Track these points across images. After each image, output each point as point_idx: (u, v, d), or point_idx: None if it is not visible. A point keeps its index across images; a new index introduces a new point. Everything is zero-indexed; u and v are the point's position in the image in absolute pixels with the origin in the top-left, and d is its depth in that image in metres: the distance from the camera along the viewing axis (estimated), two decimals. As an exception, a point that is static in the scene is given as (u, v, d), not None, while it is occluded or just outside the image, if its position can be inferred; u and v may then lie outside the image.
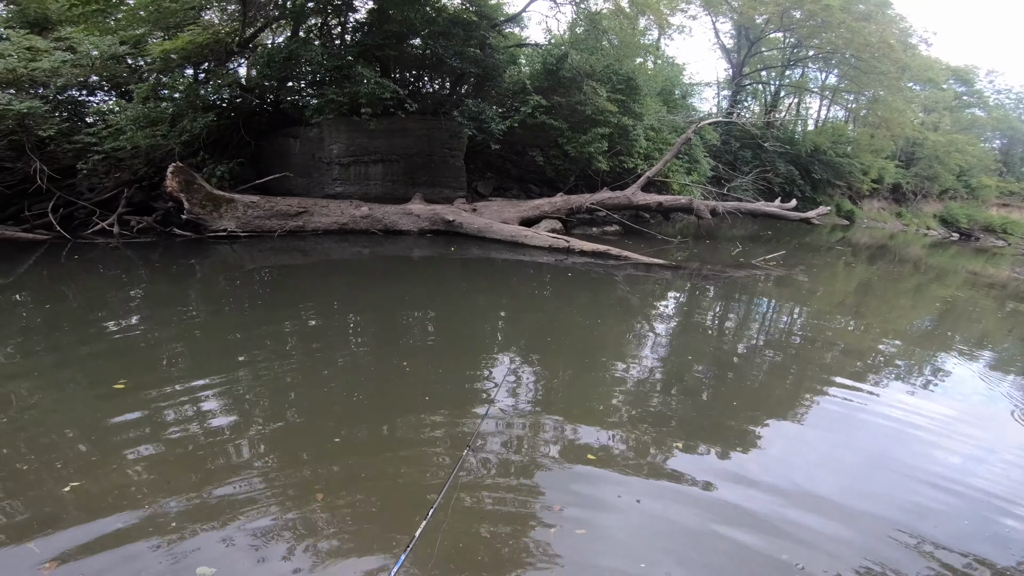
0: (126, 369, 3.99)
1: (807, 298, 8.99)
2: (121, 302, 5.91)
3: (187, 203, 8.76)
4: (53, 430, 3.18)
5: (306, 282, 7.29)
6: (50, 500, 2.55)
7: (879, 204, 30.35)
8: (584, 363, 4.93)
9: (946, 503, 3.09)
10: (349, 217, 9.82)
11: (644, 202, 11.88)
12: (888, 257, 16.96)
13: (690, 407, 4.20)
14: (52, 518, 2.43)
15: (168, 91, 10.19)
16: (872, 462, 3.50)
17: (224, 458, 2.98)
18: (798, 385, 4.84)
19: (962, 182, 32.31)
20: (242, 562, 2.25)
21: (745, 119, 21.12)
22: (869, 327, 7.45)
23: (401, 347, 4.91)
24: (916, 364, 5.90)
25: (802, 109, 31.08)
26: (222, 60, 10.55)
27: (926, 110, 31.15)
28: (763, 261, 10.89)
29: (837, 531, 2.76)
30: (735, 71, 26.81)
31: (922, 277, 13.93)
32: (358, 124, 10.60)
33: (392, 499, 2.76)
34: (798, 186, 23.47)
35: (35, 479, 2.70)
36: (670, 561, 2.46)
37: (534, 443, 3.41)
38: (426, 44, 11.39)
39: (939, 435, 3.99)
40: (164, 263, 7.76)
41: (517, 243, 9.80)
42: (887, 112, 25.53)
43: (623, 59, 14.33)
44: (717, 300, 8.26)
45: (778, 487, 3.12)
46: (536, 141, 13.76)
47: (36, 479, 2.70)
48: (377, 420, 3.56)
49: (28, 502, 2.53)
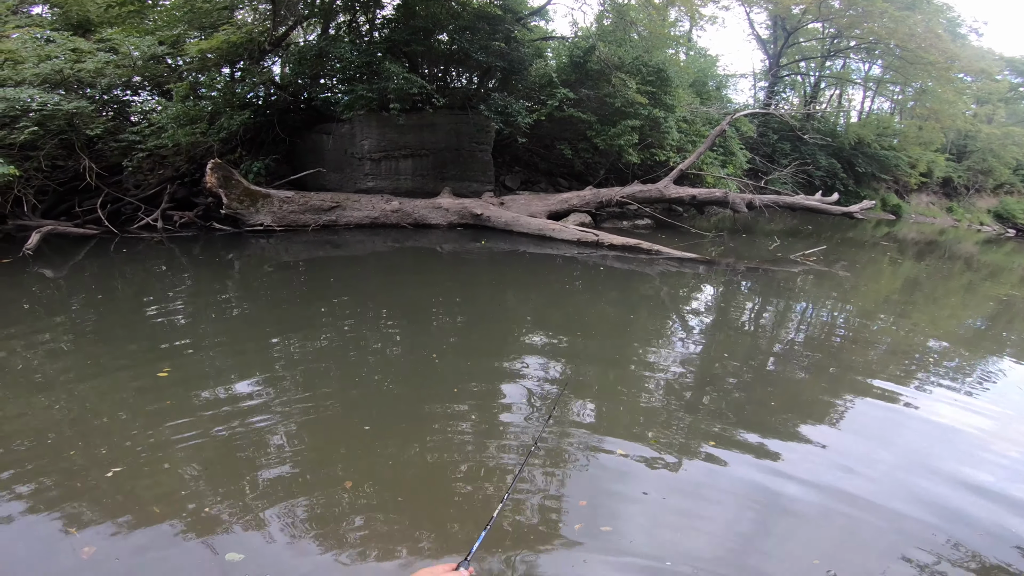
0: (169, 358, 4.10)
1: (849, 295, 8.58)
2: (165, 294, 6.11)
3: (225, 198, 9.01)
4: (98, 416, 3.28)
5: (339, 275, 7.40)
6: (93, 484, 2.61)
7: (928, 199, 28.83)
8: (615, 359, 4.80)
9: (987, 510, 2.86)
10: (380, 211, 9.92)
11: (677, 195, 11.58)
12: (937, 253, 16.05)
13: (724, 405, 4.03)
14: (94, 502, 2.49)
15: (206, 90, 10.49)
16: (912, 465, 3.28)
17: (257, 446, 3.01)
18: (837, 385, 4.58)
19: (1019, 176, 30.37)
20: (271, 548, 2.26)
21: (783, 111, 20.39)
22: (915, 326, 7.04)
23: (430, 340, 4.90)
24: (965, 366, 5.50)
25: (844, 101, 29.78)
26: (256, 58, 10.80)
27: (979, 102, 29.35)
28: (802, 256, 10.45)
29: (871, 535, 2.59)
30: (772, 62, 25.88)
31: (974, 275, 13.11)
32: (388, 120, 10.69)
33: (418, 488, 2.75)
34: (840, 180, 22.51)
35: (81, 464, 2.77)
36: (696, 560, 2.35)
37: (561, 438, 3.33)
38: (452, 39, 11.40)
39: (985, 441, 3.71)
40: (205, 256, 8.01)
41: (545, 237, 9.70)
42: (936, 104, 24.18)
43: (653, 51, 14.00)
44: (754, 296, 7.96)
45: (812, 487, 2.95)
46: (564, 134, 13.61)
47: (82, 464, 2.77)
48: (405, 411, 3.55)
49: (72, 486, 2.60)
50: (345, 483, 2.69)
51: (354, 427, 3.29)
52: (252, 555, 2.21)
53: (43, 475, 2.66)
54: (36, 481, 2.61)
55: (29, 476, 2.65)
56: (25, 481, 2.61)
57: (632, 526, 2.57)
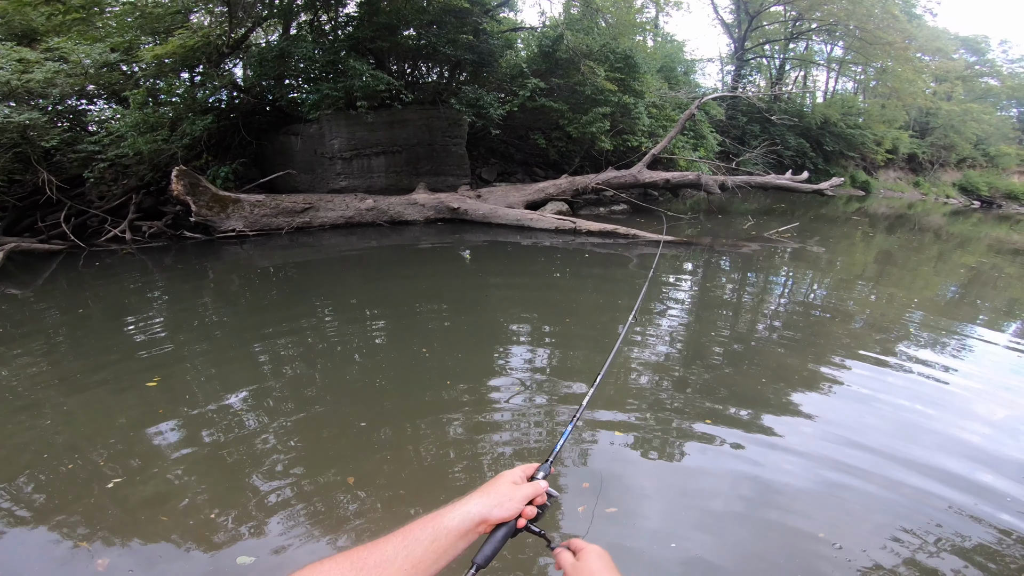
0: (156, 369, 3.96)
1: (826, 269, 8.74)
2: (142, 305, 5.90)
3: (194, 205, 8.77)
4: (90, 430, 3.17)
5: (318, 277, 7.25)
6: (96, 497, 2.55)
7: (895, 174, 29.62)
8: (604, 342, 4.77)
9: (979, 472, 2.92)
10: (355, 210, 9.77)
11: (651, 179, 11.65)
12: (907, 226, 16.48)
13: (715, 382, 4.04)
14: (100, 514, 2.44)
15: (165, 95, 10.20)
16: (902, 434, 3.31)
17: (255, 449, 2.95)
18: (822, 359, 4.62)
19: (980, 150, 31.42)
20: (280, 549, 2.24)
21: (750, 93, 20.69)
22: (891, 297, 7.19)
23: (418, 334, 4.82)
24: (943, 334, 5.62)
25: (809, 82, 30.43)
26: (215, 62, 10.53)
27: (937, 80, 30.23)
28: (777, 234, 10.62)
29: (870, 505, 2.61)
30: (737, 46, 26.29)
31: (944, 245, 13.48)
32: (357, 118, 10.54)
33: (420, 481, 2.72)
34: (809, 158, 22.99)
35: (81, 478, 2.70)
36: (702, 539, 2.34)
37: (557, 423, 3.30)
38: (419, 34, 11.27)
39: (970, 405, 3.80)
40: (178, 266, 7.78)
41: (524, 227, 9.67)
42: (896, 82, 24.87)
43: (620, 37, 14.06)
44: (733, 274, 8.05)
45: (808, 460, 2.97)
46: (538, 124, 13.61)
47: (82, 478, 2.69)
48: (400, 405, 3.50)
49: (75, 500, 2.53)
50: (348, 479, 2.66)
51: (350, 425, 3.23)
52: (263, 557, 2.19)
53: (43, 491, 2.59)
54: (38, 497, 2.55)
55: (30, 492, 2.58)
56: (27, 497, 2.54)
57: (637, 507, 2.56)
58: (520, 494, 0.85)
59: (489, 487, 0.86)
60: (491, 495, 0.84)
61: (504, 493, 0.84)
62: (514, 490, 0.85)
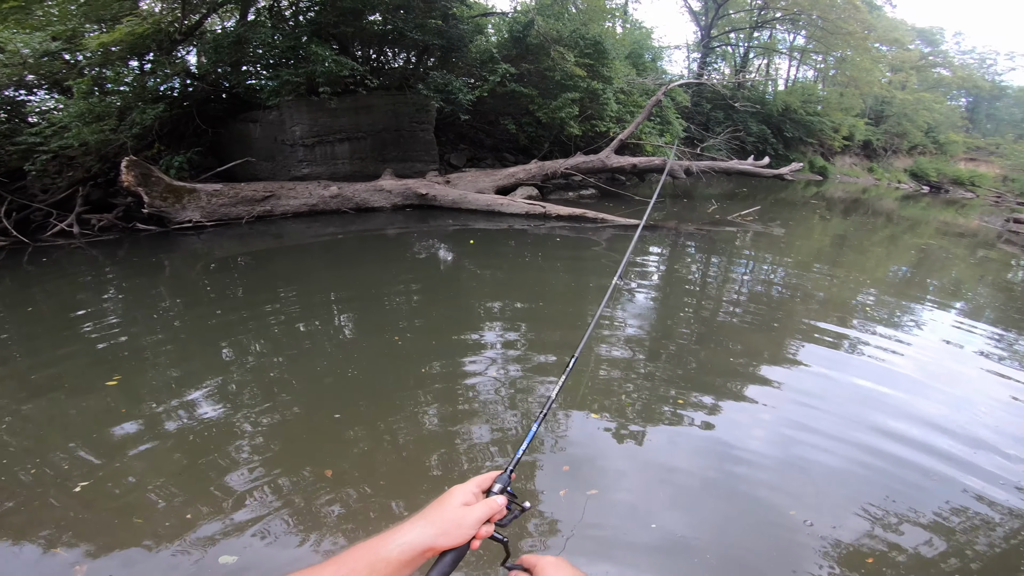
0: (115, 367, 3.77)
1: (786, 251, 9.04)
2: (94, 302, 5.57)
3: (147, 197, 8.37)
4: (51, 432, 3.02)
5: (282, 266, 7.06)
6: (63, 502, 2.44)
7: (851, 160, 30.73)
8: (577, 324, 4.83)
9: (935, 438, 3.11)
10: (318, 198, 9.52)
11: (618, 164, 11.76)
12: (862, 210, 17.18)
13: (685, 361, 4.16)
14: (70, 519, 2.34)
15: (112, 84, 9.66)
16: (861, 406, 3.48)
17: (226, 445, 2.86)
18: (785, 337, 4.79)
19: (930, 138, 32.89)
20: (262, 546, 2.20)
21: (715, 80, 21.03)
22: (847, 278, 7.50)
23: (389, 323, 4.75)
24: (896, 310, 5.95)
25: (772, 70, 31.13)
26: (167, 49, 10.01)
27: (893, 69, 31.44)
28: (740, 217, 10.91)
29: (837, 478, 2.75)
30: (703, 33, 26.63)
31: (896, 228, 14.15)
32: (319, 104, 10.23)
33: (398, 468, 2.71)
34: (771, 144, 23.60)
35: (45, 482, 2.57)
36: (681, 520, 2.41)
37: (532, 404, 3.32)
38: (386, 19, 10.97)
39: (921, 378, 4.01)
40: (131, 259, 7.42)
41: (494, 212, 9.64)
42: (855, 71, 25.75)
43: (590, 23, 14.06)
44: (698, 256, 8.24)
45: (778, 435, 3.09)
46: (507, 109, 13.53)
47: (46, 482, 2.57)
48: (374, 396, 3.44)
49: (42, 505, 2.42)
50: (325, 472, 2.61)
51: (323, 417, 3.16)
52: (244, 555, 2.14)
53: (7, 498, 2.46)
54: (2, 504, 2.42)
55: (-7, 500, 2.44)
56: (-9, 505, 2.41)
57: (616, 489, 2.61)
58: (471, 518, 0.75)
59: (435, 510, 0.75)
60: (436, 522, 0.73)
61: (451, 519, 0.74)
62: (464, 514, 0.75)
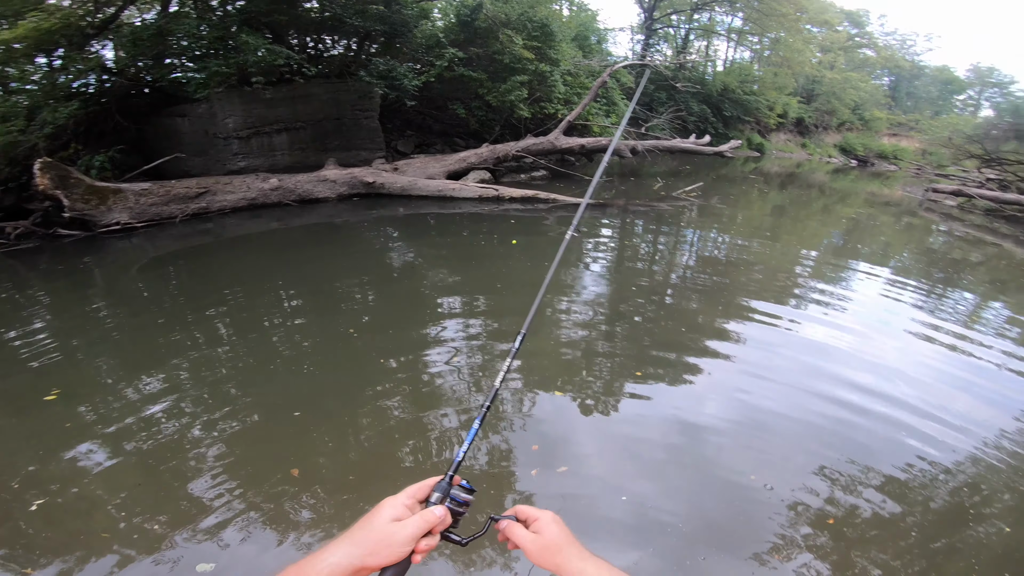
0: (51, 381, 3.46)
1: (728, 224, 9.42)
2: (16, 315, 5.01)
3: (66, 200, 7.68)
4: None
5: (224, 264, 6.68)
6: (21, 521, 2.26)
7: (785, 137, 32.21)
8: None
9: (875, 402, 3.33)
10: (258, 191, 9.07)
11: (567, 146, 11.84)
12: (797, 183, 18.12)
13: (641, 335, 4.27)
14: (33, 538, 2.18)
15: (17, 83, 8.81)
16: (806, 372, 3.70)
17: (186, 451, 2.71)
18: (731, 307, 5.03)
19: (857, 115, 34.89)
20: (237, 551, 2.14)
21: (657, 62, 21.44)
22: (786, 247, 7.92)
23: (343, 315, 4.61)
24: (831, 278, 6.35)
25: (711, 51, 31.99)
26: (79, 44, 9.17)
27: (823, 50, 33.08)
28: (684, 193, 11.25)
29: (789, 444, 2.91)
30: (647, 16, 27.04)
31: (828, 199, 15.03)
32: (253, 95, 9.69)
33: (365, 463, 2.67)
34: (711, 123, 24.37)
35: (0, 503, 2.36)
36: (650, 491, 2.49)
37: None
38: (323, 6, 10.48)
39: (858, 342, 4.29)
40: (56, 267, 6.81)
41: (447, 197, 9.50)
42: (788, 52, 26.94)
43: (537, 6, 14.00)
44: (646, 233, 8.46)
45: (734, 406, 3.24)
46: (457, 94, 13.31)
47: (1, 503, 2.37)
48: (334, 390, 3.36)
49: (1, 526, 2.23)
50: (292, 472, 2.54)
51: (283, 416, 3.04)
52: (222, 562, 2.07)
53: None
54: None
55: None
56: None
57: (586, 464, 2.66)
58: (402, 535, 0.67)
59: (362, 529, 0.68)
60: (361, 543, 0.66)
61: (378, 538, 0.66)
62: (393, 531, 0.67)
